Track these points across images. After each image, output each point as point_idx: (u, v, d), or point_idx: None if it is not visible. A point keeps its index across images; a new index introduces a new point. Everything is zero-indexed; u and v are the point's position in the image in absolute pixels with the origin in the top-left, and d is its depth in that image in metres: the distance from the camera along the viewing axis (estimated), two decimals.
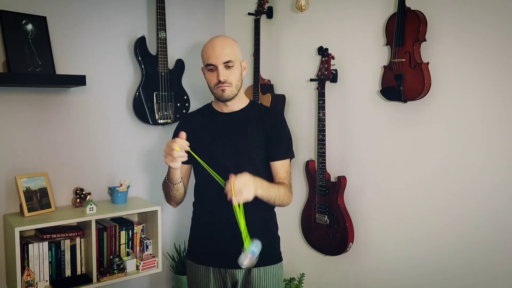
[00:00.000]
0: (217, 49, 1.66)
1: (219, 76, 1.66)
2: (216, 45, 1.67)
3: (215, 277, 1.75)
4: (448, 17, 1.96)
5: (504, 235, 1.86)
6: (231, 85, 1.68)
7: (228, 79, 1.67)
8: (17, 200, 2.29)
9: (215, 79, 1.67)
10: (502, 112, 1.84)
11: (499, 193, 1.87)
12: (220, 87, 1.67)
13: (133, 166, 2.70)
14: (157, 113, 2.63)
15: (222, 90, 1.67)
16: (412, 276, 2.17)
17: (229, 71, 1.67)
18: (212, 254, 1.75)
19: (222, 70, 1.66)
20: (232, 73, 1.68)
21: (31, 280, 2.15)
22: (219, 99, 1.72)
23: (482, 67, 1.88)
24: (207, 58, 1.68)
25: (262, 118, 1.77)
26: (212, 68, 1.67)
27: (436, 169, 2.06)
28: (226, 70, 1.67)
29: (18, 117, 2.31)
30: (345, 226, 2.32)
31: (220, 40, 1.70)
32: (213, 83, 1.69)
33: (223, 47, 1.67)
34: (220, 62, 1.65)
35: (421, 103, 2.07)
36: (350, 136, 2.40)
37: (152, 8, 2.67)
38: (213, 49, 1.67)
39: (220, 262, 1.74)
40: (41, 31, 2.28)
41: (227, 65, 1.66)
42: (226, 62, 1.65)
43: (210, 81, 1.70)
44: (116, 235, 2.47)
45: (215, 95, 1.72)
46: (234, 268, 1.72)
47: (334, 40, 2.43)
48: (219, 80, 1.66)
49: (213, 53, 1.66)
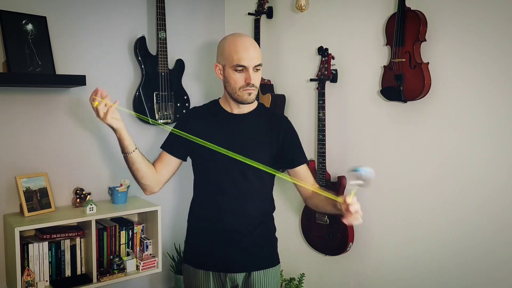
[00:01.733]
0: (251, 51, 1.60)
1: (250, 79, 1.60)
2: (250, 47, 1.61)
3: (215, 281, 1.72)
4: (448, 17, 1.96)
5: (504, 235, 1.86)
6: (257, 89, 1.66)
7: (256, 82, 1.63)
8: (17, 200, 2.29)
9: (243, 81, 1.62)
10: (503, 111, 1.84)
11: (499, 193, 1.87)
12: (247, 90, 1.62)
13: None
14: (157, 113, 2.63)
15: (249, 93, 1.63)
16: (412, 276, 2.17)
17: (256, 74, 1.64)
18: (212, 258, 1.72)
19: (253, 74, 1.61)
20: (258, 77, 1.65)
21: (31, 280, 2.15)
22: (241, 101, 1.66)
23: (482, 67, 1.88)
24: (238, 58, 1.59)
25: (270, 122, 1.75)
26: (241, 70, 1.61)
27: (436, 169, 2.06)
28: (254, 73, 1.62)
29: (18, 117, 2.31)
30: (345, 226, 2.32)
31: (252, 41, 1.65)
32: (239, 85, 1.63)
33: (255, 49, 1.62)
34: (252, 65, 1.60)
35: (421, 103, 2.07)
36: (350, 136, 2.40)
37: (152, 8, 2.67)
38: (247, 50, 1.60)
39: (220, 267, 1.72)
40: (41, 31, 2.28)
41: (256, 68, 1.62)
42: (257, 65, 1.62)
43: (235, 82, 1.63)
44: (116, 235, 2.47)
45: (238, 97, 1.65)
46: (235, 272, 1.70)
47: (334, 40, 2.43)
48: (249, 83, 1.61)
49: (247, 55, 1.59)
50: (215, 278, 1.72)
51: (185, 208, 1.87)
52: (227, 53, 1.62)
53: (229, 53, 1.61)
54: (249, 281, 1.71)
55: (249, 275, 1.72)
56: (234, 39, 1.64)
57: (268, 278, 1.74)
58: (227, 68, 1.63)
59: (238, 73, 1.61)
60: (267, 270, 1.74)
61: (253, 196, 1.71)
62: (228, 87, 1.67)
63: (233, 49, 1.61)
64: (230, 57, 1.61)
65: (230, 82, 1.64)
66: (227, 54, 1.62)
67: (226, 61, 1.63)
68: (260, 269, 1.72)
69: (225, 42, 1.65)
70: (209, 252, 1.73)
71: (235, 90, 1.64)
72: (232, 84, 1.64)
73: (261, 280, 1.72)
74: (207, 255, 1.74)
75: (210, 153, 1.67)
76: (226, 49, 1.63)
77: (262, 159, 1.69)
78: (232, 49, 1.61)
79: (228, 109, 1.74)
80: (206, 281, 1.73)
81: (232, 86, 1.64)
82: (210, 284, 1.72)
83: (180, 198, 2.88)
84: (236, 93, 1.64)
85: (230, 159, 1.63)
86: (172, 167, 1.75)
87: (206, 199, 1.75)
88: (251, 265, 1.72)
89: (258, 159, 1.68)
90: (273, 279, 1.75)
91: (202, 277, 1.73)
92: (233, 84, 1.64)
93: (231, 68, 1.61)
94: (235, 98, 1.66)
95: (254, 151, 1.68)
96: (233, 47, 1.61)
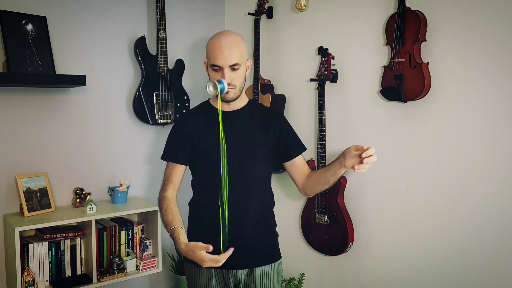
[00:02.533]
0: (225, 51, 1.60)
1: (224, 79, 1.61)
2: (224, 47, 1.60)
3: (217, 278, 1.74)
4: (448, 17, 1.96)
5: (504, 234, 1.86)
6: (235, 87, 1.65)
7: (233, 81, 1.63)
8: (17, 200, 2.29)
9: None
10: (503, 111, 1.84)
11: (499, 193, 1.87)
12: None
13: (133, 166, 2.70)
14: (157, 113, 2.63)
15: (226, 92, 1.63)
16: (412, 276, 2.17)
17: (234, 73, 1.63)
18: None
19: (228, 73, 1.61)
20: (237, 76, 1.64)
21: (31, 280, 2.15)
22: (221, 99, 1.68)
23: (482, 67, 1.88)
24: (213, 58, 1.62)
25: (264, 118, 1.77)
26: (217, 69, 1.63)
27: (436, 169, 2.06)
28: (231, 72, 1.62)
29: (18, 117, 2.31)
30: (345, 226, 2.32)
31: (229, 40, 1.62)
32: None
33: (232, 49, 1.61)
34: (226, 65, 1.60)
35: (421, 103, 2.07)
36: (350, 136, 2.40)
37: (152, 8, 2.67)
38: (221, 50, 1.60)
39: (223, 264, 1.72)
40: (41, 31, 2.28)
41: (233, 67, 1.62)
42: (232, 65, 1.61)
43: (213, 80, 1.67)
44: (116, 235, 2.47)
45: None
46: (237, 269, 1.71)
47: (334, 40, 2.43)
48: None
49: (220, 54, 1.60)
50: (218, 275, 1.74)
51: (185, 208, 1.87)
52: (207, 51, 1.67)
53: (208, 52, 1.66)
54: (251, 277, 1.72)
55: (251, 271, 1.73)
56: (214, 38, 1.66)
57: (270, 273, 1.75)
58: (208, 66, 1.68)
59: (215, 72, 1.64)
60: (269, 266, 1.75)
61: (252, 192, 1.72)
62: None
63: (210, 49, 1.65)
64: (208, 56, 1.66)
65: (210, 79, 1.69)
66: (207, 53, 1.67)
67: (207, 60, 1.68)
68: (262, 265, 1.73)
69: (209, 40, 1.68)
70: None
71: None
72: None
73: (263, 275, 1.73)
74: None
75: (206, 152, 1.70)
76: (207, 48, 1.67)
77: (259, 154, 1.72)
78: (210, 49, 1.65)
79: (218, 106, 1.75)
80: (209, 278, 1.74)
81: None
82: (213, 281, 1.73)
83: (180, 198, 2.88)
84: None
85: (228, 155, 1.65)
86: (182, 174, 1.81)
87: (204, 197, 1.76)
88: (253, 261, 1.73)
89: (255, 154, 1.71)
90: (275, 274, 1.77)
91: (204, 275, 1.74)
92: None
93: (210, 67, 1.66)
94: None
95: (250, 146, 1.71)
96: (211, 46, 1.65)
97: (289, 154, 1.78)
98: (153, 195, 2.73)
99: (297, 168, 1.80)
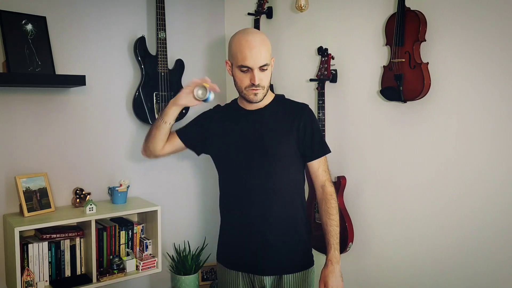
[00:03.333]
0: (255, 51, 1.56)
1: (255, 80, 1.58)
2: (255, 47, 1.56)
3: (244, 281, 1.73)
4: (448, 17, 1.96)
5: (504, 234, 1.86)
6: (263, 88, 1.62)
7: (261, 82, 1.60)
8: (17, 200, 2.29)
9: (248, 81, 1.60)
10: (503, 111, 1.84)
11: (499, 194, 1.87)
12: (253, 90, 1.61)
13: (133, 166, 2.70)
14: (157, 113, 2.63)
15: (254, 94, 1.61)
16: (412, 276, 2.17)
17: (263, 74, 1.60)
18: (241, 259, 1.72)
19: (258, 74, 1.58)
20: (265, 76, 1.61)
21: (31, 280, 2.15)
22: (248, 101, 1.65)
23: (482, 67, 1.88)
24: (242, 58, 1.56)
25: (289, 113, 1.71)
26: (246, 70, 1.58)
27: (436, 169, 2.06)
28: (260, 73, 1.58)
29: (18, 117, 2.31)
30: (344, 226, 2.32)
31: (257, 39, 1.58)
32: (244, 85, 1.61)
33: (261, 49, 1.57)
34: (256, 66, 1.57)
35: (421, 103, 2.07)
36: (349, 136, 2.40)
37: (152, 8, 2.67)
38: (250, 50, 1.55)
39: (249, 268, 1.71)
40: (41, 31, 2.28)
41: (262, 68, 1.58)
42: (262, 65, 1.58)
43: (241, 81, 1.62)
44: (116, 235, 2.47)
45: (245, 95, 1.64)
46: (262, 275, 1.69)
47: (334, 40, 2.43)
48: (253, 83, 1.59)
49: (250, 55, 1.55)
50: (245, 278, 1.73)
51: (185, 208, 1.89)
52: (233, 51, 1.61)
53: (235, 52, 1.60)
54: (280, 284, 1.68)
55: (280, 278, 1.69)
56: (240, 37, 1.60)
57: (299, 281, 1.69)
58: (234, 67, 1.62)
59: (244, 73, 1.59)
60: (299, 273, 1.70)
61: (279, 194, 1.67)
62: (235, 85, 1.67)
63: (238, 49, 1.58)
64: (236, 56, 1.60)
65: (236, 81, 1.65)
66: (233, 53, 1.61)
67: (233, 60, 1.62)
68: (292, 273, 1.69)
69: (233, 39, 1.63)
70: (238, 252, 1.72)
71: (241, 89, 1.64)
72: (238, 83, 1.64)
73: (292, 284, 1.68)
74: (236, 255, 1.73)
75: (230, 151, 1.68)
76: (233, 48, 1.61)
77: (285, 152, 1.67)
78: (238, 48, 1.58)
79: (244, 105, 1.74)
80: (236, 279, 1.73)
81: (238, 85, 1.65)
82: (240, 283, 1.72)
83: (180, 198, 2.88)
84: (243, 92, 1.64)
85: (252, 156, 1.63)
86: (174, 147, 1.80)
87: (229, 199, 1.74)
88: (282, 268, 1.69)
89: (281, 154, 1.66)
90: (305, 282, 1.71)
91: (232, 276, 1.74)
92: (239, 83, 1.64)
93: (237, 68, 1.60)
94: (243, 97, 1.67)
95: (276, 145, 1.66)
96: (238, 46, 1.58)
97: (306, 156, 1.72)
98: (153, 195, 2.74)
99: (311, 174, 1.76)
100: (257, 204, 1.66)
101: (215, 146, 1.75)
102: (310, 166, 1.75)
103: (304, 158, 1.74)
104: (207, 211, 3.00)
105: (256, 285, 1.72)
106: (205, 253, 2.89)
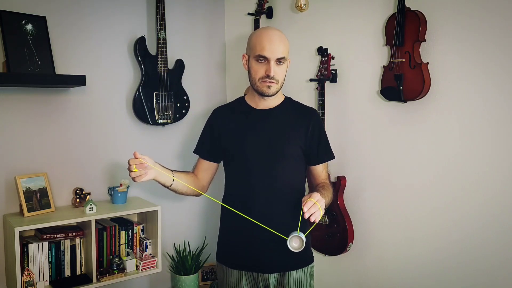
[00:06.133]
0: (275, 43, 1.59)
1: (270, 71, 1.60)
2: (275, 39, 1.60)
3: (248, 279, 1.73)
4: (448, 17, 1.96)
5: (504, 234, 1.86)
6: (278, 83, 1.64)
7: (276, 75, 1.62)
8: (17, 200, 2.29)
9: (263, 72, 1.62)
10: (503, 111, 1.84)
11: (499, 194, 1.87)
12: (266, 82, 1.62)
13: None
14: (157, 113, 2.63)
15: (268, 86, 1.62)
16: (412, 276, 2.18)
17: (279, 68, 1.62)
18: (244, 258, 1.72)
19: (274, 66, 1.60)
20: (281, 70, 1.64)
21: (31, 280, 2.15)
22: (261, 93, 1.66)
23: (482, 67, 1.88)
24: (260, 48, 1.60)
25: (298, 115, 1.73)
26: (262, 60, 1.61)
27: (436, 169, 2.06)
28: (276, 66, 1.61)
29: (18, 117, 2.31)
30: (344, 226, 2.32)
31: (278, 34, 1.63)
32: (259, 76, 1.63)
33: (280, 42, 1.61)
34: (274, 57, 1.60)
35: (420, 103, 2.07)
36: (349, 136, 2.40)
37: (152, 8, 2.67)
38: (270, 41, 1.59)
39: (253, 267, 1.72)
40: (41, 31, 2.28)
41: (279, 61, 1.61)
42: (279, 58, 1.61)
43: (256, 72, 1.64)
44: (116, 235, 2.47)
45: (258, 88, 1.65)
46: (267, 273, 1.70)
47: (334, 40, 2.43)
48: (268, 74, 1.61)
49: (269, 46, 1.59)
50: (248, 277, 1.73)
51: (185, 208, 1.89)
52: (252, 43, 1.64)
53: (254, 43, 1.63)
54: (283, 281, 1.70)
55: (283, 275, 1.71)
56: (262, 31, 1.66)
57: (302, 277, 1.72)
58: (251, 58, 1.65)
59: (260, 63, 1.62)
60: (301, 270, 1.72)
61: (283, 194, 1.69)
62: (249, 77, 1.68)
63: (258, 40, 1.62)
64: (254, 47, 1.63)
65: (251, 72, 1.66)
66: (252, 44, 1.64)
67: (251, 51, 1.64)
68: (294, 269, 1.71)
69: (254, 33, 1.67)
70: (242, 251, 1.72)
71: (255, 80, 1.65)
72: (252, 74, 1.66)
73: (295, 280, 1.70)
74: (239, 254, 1.73)
75: (237, 151, 1.68)
76: (253, 40, 1.64)
77: (292, 153, 1.69)
78: (257, 40, 1.62)
79: (254, 104, 1.74)
80: (239, 279, 1.73)
81: (252, 76, 1.66)
82: (243, 282, 1.72)
83: (180, 198, 2.88)
84: (256, 84, 1.65)
85: (261, 156, 1.65)
86: (212, 171, 1.82)
87: (234, 197, 1.75)
88: (285, 265, 1.70)
89: (288, 154, 1.68)
90: (307, 278, 1.74)
91: (235, 276, 1.74)
92: (253, 75, 1.65)
93: (254, 58, 1.63)
94: (255, 89, 1.67)
95: (283, 147, 1.67)
96: (259, 38, 1.62)
97: (312, 160, 1.74)
98: (153, 195, 2.74)
99: (313, 176, 1.78)
100: (262, 202, 1.67)
101: (226, 144, 1.75)
102: (313, 169, 1.77)
103: (307, 160, 1.75)
104: (207, 211, 3.00)
105: (260, 283, 1.72)
106: (205, 253, 2.89)
